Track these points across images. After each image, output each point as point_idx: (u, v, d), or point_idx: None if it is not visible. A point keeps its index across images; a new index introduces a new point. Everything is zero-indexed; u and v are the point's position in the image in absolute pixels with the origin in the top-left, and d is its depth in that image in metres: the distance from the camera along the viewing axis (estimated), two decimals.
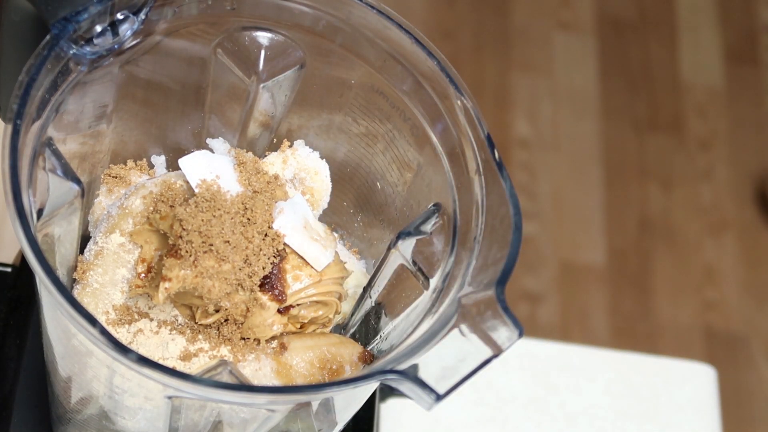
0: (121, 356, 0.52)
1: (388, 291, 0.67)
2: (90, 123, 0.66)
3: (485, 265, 0.59)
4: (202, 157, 0.64)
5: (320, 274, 0.63)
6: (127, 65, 0.65)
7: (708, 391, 1.01)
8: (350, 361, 0.64)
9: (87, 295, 0.63)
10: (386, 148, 0.69)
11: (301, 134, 0.71)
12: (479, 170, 0.62)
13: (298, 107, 0.70)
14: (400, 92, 0.66)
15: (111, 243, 0.64)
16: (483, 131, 0.62)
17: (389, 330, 0.66)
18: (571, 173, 2.12)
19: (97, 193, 0.69)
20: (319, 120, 0.71)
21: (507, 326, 0.55)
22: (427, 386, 0.54)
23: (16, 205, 0.53)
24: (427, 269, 0.63)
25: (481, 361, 0.55)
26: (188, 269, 0.59)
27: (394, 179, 0.69)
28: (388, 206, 0.70)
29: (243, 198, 0.62)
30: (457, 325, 0.56)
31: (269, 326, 0.62)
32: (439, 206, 0.64)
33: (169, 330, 0.62)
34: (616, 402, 0.99)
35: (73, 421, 0.68)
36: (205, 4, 0.64)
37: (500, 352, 0.55)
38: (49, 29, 0.58)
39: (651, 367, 1.02)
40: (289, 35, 0.66)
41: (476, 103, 0.63)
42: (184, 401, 0.57)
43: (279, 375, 0.62)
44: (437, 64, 0.63)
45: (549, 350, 1.02)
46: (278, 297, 0.62)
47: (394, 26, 0.64)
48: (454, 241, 0.62)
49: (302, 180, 0.68)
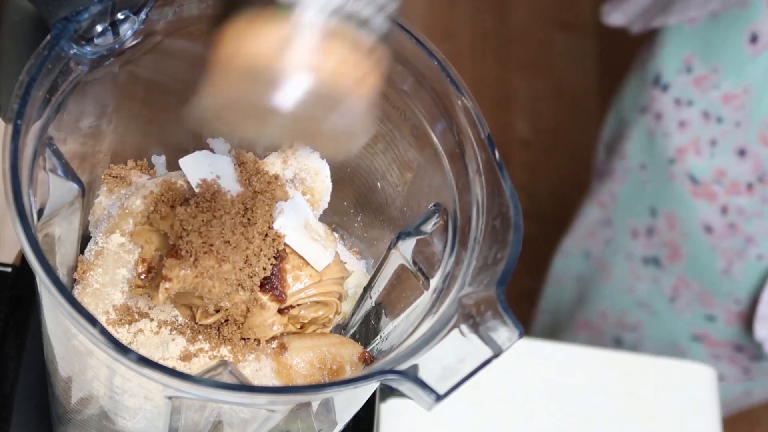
0: (121, 356, 0.52)
1: (388, 291, 0.67)
2: (90, 123, 0.66)
3: (485, 265, 0.59)
4: (202, 157, 0.64)
5: (320, 275, 0.63)
6: (127, 65, 0.65)
7: (708, 391, 1.01)
8: (350, 362, 0.64)
9: (87, 295, 0.63)
10: (386, 148, 0.69)
11: None
12: (479, 170, 0.62)
13: None
14: (400, 92, 0.65)
15: (111, 243, 0.64)
16: (483, 131, 0.62)
17: (389, 330, 0.66)
18: (571, 173, 2.12)
19: (97, 193, 0.69)
20: None
21: (507, 326, 0.55)
22: (427, 386, 0.54)
23: (17, 205, 0.53)
24: (428, 269, 0.63)
25: (481, 361, 0.55)
26: (188, 269, 0.59)
27: (395, 179, 0.69)
28: (388, 206, 0.70)
29: (243, 198, 0.62)
30: (457, 325, 0.56)
31: (269, 326, 0.62)
32: (439, 206, 0.64)
33: (170, 330, 0.62)
34: (616, 402, 0.99)
35: (73, 421, 0.68)
36: (206, 4, 0.64)
37: (500, 352, 0.55)
38: (50, 29, 0.58)
39: (651, 367, 1.02)
40: None
41: (476, 103, 0.63)
42: (184, 401, 0.57)
43: (279, 375, 0.62)
44: (437, 64, 0.63)
45: (549, 350, 1.02)
46: (278, 297, 0.62)
47: (395, 26, 0.64)
48: (454, 241, 0.62)
49: (302, 180, 0.68)
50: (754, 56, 1.13)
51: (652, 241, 1.31)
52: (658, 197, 1.28)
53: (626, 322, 1.41)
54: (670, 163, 1.23)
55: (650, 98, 1.25)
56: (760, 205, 1.18)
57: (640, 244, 1.33)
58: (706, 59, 1.18)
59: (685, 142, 1.21)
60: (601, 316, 1.43)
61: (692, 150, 1.21)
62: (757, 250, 1.22)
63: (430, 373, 0.54)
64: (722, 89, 1.17)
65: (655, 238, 1.30)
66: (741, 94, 1.15)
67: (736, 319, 1.28)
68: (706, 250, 1.26)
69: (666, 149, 1.23)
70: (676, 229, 1.27)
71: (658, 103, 1.23)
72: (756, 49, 1.13)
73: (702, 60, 1.19)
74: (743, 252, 1.23)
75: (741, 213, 1.20)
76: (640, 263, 1.34)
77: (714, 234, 1.24)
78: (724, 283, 1.27)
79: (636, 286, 1.37)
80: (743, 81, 1.14)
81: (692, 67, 1.20)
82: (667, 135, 1.23)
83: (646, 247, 1.33)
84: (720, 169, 1.19)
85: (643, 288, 1.36)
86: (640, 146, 1.29)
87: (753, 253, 1.22)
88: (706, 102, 1.19)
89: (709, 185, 1.21)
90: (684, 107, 1.21)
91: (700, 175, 1.21)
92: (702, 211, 1.23)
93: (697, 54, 1.19)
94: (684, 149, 1.22)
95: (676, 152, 1.22)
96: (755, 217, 1.19)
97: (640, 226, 1.32)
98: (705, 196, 1.22)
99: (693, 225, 1.25)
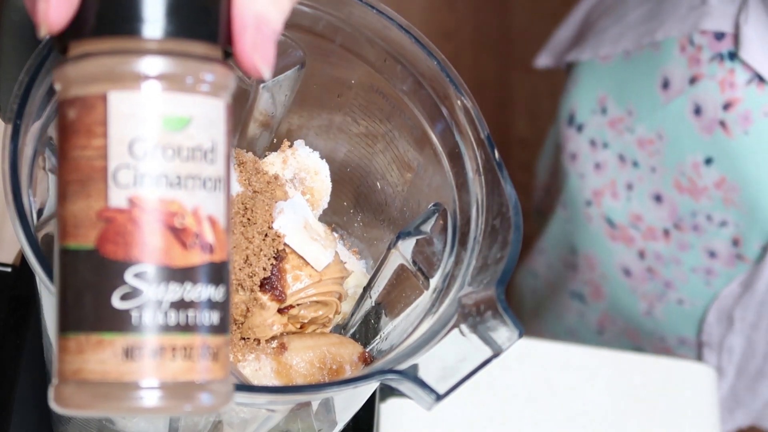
0: None
1: (388, 291, 0.67)
2: None
3: (485, 265, 0.59)
4: None
5: (320, 274, 0.63)
6: None
7: (708, 391, 1.01)
8: (350, 361, 0.64)
9: None
10: (386, 148, 0.69)
11: (301, 134, 0.71)
12: (479, 170, 0.62)
13: (298, 107, 0.70)
14: (400, 92, 0.65)
15: None
16: (483, 131, 0.62)
17: (389, 330, 0.66)
18: None
19: None
20: (319, 120, 0.71)
21: (507, 326, 0.55)
22: (427, 386, 0.54)
23: (16, 205, 0.53)
24: (427, 269, 0.63)
25: (481, 361, 0.55)
26: None
27: (394, 179, 0.69)
28: (388, 206, 0.70)
29: (243, 198, 0.62)
30: (457, 325, 0.56)
31: (269, 326, 0.62)
32: (439, 206, 0.64)
33: None
34: (616, 402, 0.99)
35: (73, 421, 0.68)
36: None
37: (500, 352, 0.55)
38: None
39: (651, 367, 1.02)
40: (289, 35, 0.66)
41: (476, 103, 0.63)
42: None
43: (279, 375, 0.62)
44: (437, 64, 0.63)
45: (549, 350, 1.02)
46: (278, 297, 0.62)
47: (394, 26, 0.64)
48: (454, 241, 0.62)
49: (302, 180, 0.68)
50: (666, 103, 1.10)
51: (577, 277, 1.29)
52: (577, 237, 1.26)
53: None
54: (587, 205, 1.21)
55: (565, 138, 1.22)
56: (677, 251, 1.16)
57: (569, 277, 1.32)
58: (620, 101, 1.16)
59: (601, 185, 1.19)
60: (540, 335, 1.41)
61: (609, 193, 1.19)
62: (677, 295, 1.20)
63: (430, 373, 0.54)
64: (636, 133, 1.14)
65: (579, 275, 1.29)
66: (655, 140, 1.12)
67: (665, 353, 1.27)
68: (626, 292, 1.24)
69: (582, 191, 1.21)
70: (595, 270, 1.25)
71: (573, 143, 1.21)
72: (668, 96, 1.10)
73: (616, 102, 1.16)
74: (663, 296, 1.21)
75: (658, 258, 1.18)
76: (568, 296, 1.33)
77: (633, 277, 1.22)
78: (647, 323, 1.25)
79: (565, 315, 1.35)
80: (656, 126, 1.12)
81: (606, 108, 1.17)
82: (583, 176, 1.20)
83: (572, 282, 1.31)
84: (636, 213, 1.17)
85: (571, 318, 1.35)
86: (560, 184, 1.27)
87: (673, 297, 1.20)
88: (621, 145, 1.16)
89: (626, 229, 1.19)
90: (600, 149, 1.18)
91: (617, 219, 1.19)
92: (619, 255, 1.21)
93: (612, 95, 1.17)
94: (600, 192, 1.19)
95: (592, 194, 1.20)
96: (672, 263, 1.17)
97: (568, 260, 1.31)
98: (622, 239, 1.20)
99: (611, 267, 1.23)
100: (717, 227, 1.12)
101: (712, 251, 1.14)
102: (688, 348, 1.25)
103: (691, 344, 1.25)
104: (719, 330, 1.21)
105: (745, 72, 1.03)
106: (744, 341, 1.21)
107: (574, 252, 1.28)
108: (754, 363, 1.24)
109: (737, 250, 1.12)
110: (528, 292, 1.47)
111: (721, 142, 1.07)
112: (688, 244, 1.15)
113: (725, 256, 1.14)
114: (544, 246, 1.36)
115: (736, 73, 1.04)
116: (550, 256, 1.36)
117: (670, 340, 1.25)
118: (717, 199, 1.10)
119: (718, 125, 1.06)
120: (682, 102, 1.09)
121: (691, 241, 1.14)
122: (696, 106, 1.07)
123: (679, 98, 1.09)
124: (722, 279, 1.16)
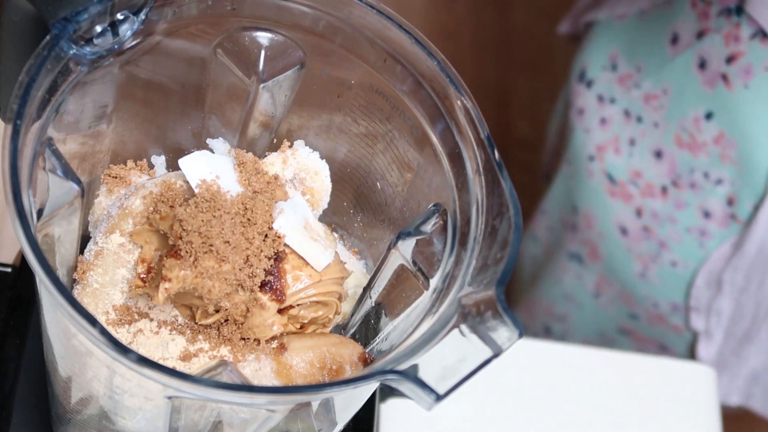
0: (121, 356, 0.52)
1: (388, 291, 0.67)
2: (90, 123, 0.66)
3: (485, 265, 0.59)
4: (202, 158, 0.64)
5: (320, 275, 0.63)
6: (127, 65, 0.65)
7: (708, 391, 1.01)
8: (350, 362, 0.64)
9: (87, 296, 0.63)
10: (386, 148, 0.69)
11: (301, 134, 0.71)
12: (479, 170, 0.62)
13: (298, 107, 0.70)
14: (400, 92, 0.66)
15: (111, 243, 0.64)
16: (483, 131, 0.62)
17: (389, 330, 0.66)
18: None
19: (97, 193, 0.69)
20: (319, 120, 0.71)
21: (507, 326, 0.55)
22: (427, 386, 0.54)
23: (16, 205, 0.53)
24: (427, 269, 0.63)
25: (481, 361, 0.55)
26: (188, 269, 0.59)
27: (394, 179, 0.69)
28: (388, 206, 0.70)
29: (243, 198, 0.62)
30: (457, 325, 0.56)
31: (269, 326, 0.62)
32: (439, 206, 0.64)
33: (169, 330, 0.62)
34: (616, 402, 0.99)
35: (73, 421, 0.68)
36: (205, 5, 0.65)
37: (500, 352, 0.55)
38: (49, 29, 0.58)
39: (651, 367, 1.02)
40: (289, 35, 0.66)
41: (476, 103, 0.63)
42: (184, 401, 0.57)
43: (279, 375, 0.62)
44: (437, 64, 0.63)
45: (549, 350, 1.02)
46: (278, 297, 0.62)
47: (394, 26, 0.64)
48: (454, 241, 0.62)
49: (302, 180, 0.68)
50: (674, 56, 1.12)
51: (576, 237, 1.31)
52: (578, 194, 1.27)
53: (554, 312, 1.41)
54: (590, 161, 1.23)
55: (574, 93, 1.24)
56: (673, 210, 1.18)
57: (567, 238, 1.33)
58: (631, 58, 1.18)
59: (605, 140, 1.21)
60: (536, 302, 1.43)
61: (612, 148, 1.21)
62: (671, 256, 1.21)
63: (430, 373, 0.54)
64: (643, 89, 1.16)
65: (578, 234, 1.30)
66: (660, 95, 1.14)
67: (657, 321, 1.28)
68: (622, 252, 1.25)
69: (586, 146, 1.23)
70: (593, 229, 1.27)
71: (582, 98, 1.23)
72: (676, 50, 1.12)
73: (626, 58, 1.18)
74: (658, 257, 1.22)
75: (655, 216, 1.20)
76: (566, 257, 1.34)
77: (629, 236, 1.23)
78: (641, 287, 1.26)
79: (563, 278, 1.36)
80: (663, 81, 1.14)
81: (617, 65, 1.19)
82: (588, 131, 1.22)
83: (570, 242, 1.33)
84: (637, 169, 1.19)
85: (568, 281, 1.36)
86: (566, 141, 1.29)
87: (667, 258, 1.21)
88: (627, 100, 1.18)
89: (626, 185, 1.21)
90: (606, 104, 1.20)
91: (618, 175, 1.21)
92: (617, 212, 1.23)
93: (623, 52, 1.19)
94: (603, 147, 1.21)
95: (596, 149, 1.22)
96: (668, 222, 1.19)
97: (568, 219, 1.32)
98: (621, 196, 1.22)
99: (609, 225, 1.24)
100: (713, 185, 1.13)
101: (707, 211, 1.15)
102: (680, 315, 1.25)
103: (683, 310, 1.25)
104: (708, 294, 1.21)
105: (750, 27, 1.05)
106: (733, 304, 1.22)
107: (574, 211, 1.29)
108: (742, 326, 1.24)
109: (731, 209, 1.14)
110: (528, 259, 1.48)
111: (722, 95, 1.08)
112: (684, 203, 1.16)
113: (719, 216, 1.15)
114: (546, 207, 1.37)
115: (742, 28, 1.06)
116: (552, 217, 1.37)
117: (663, 306, 1.26)
118: (714, 155, 1.11)
119: (720, 78, 1.07)
120: (689, 56, 1.11)
121: (688, 199, 1.16)
122: (701, 60, 1.09)
123: (686, 52, 1.11)
124: (715, 240, 1.17)
